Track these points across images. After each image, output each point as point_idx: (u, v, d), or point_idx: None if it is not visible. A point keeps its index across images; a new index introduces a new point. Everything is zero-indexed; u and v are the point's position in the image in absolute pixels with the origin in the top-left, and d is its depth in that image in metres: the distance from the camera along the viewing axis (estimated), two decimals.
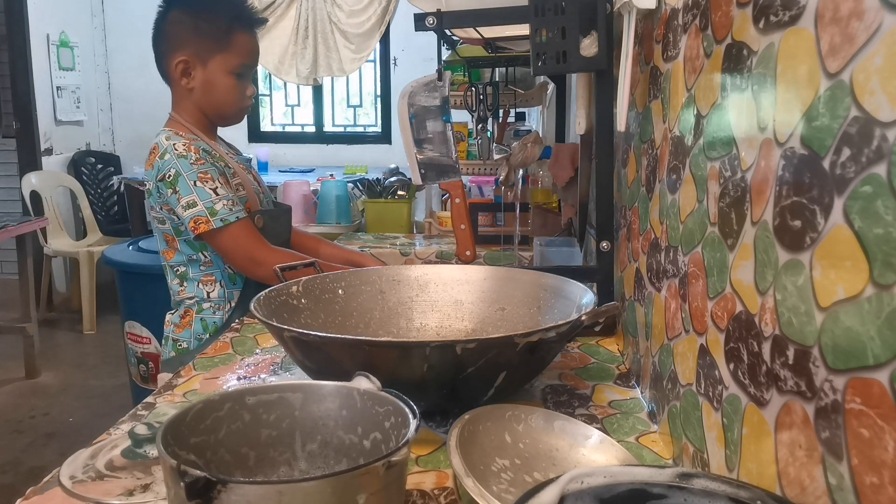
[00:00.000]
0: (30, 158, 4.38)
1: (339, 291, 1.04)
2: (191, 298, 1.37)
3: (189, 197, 1.26)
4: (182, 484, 0.46)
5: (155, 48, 1.39)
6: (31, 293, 3.35)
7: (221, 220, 1.25)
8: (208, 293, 1.36)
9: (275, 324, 0.80)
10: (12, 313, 3.70)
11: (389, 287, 1.08)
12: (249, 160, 1.56)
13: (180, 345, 1.38)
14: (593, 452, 0.71)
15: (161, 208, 1.32)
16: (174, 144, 1.30)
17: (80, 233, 4.59)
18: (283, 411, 0.63)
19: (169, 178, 1.27)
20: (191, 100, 1.36)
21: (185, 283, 1.37)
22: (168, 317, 1.41)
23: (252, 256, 1.28)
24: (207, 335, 1.36)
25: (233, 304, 1.37)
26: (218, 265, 1.36)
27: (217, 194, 1.27)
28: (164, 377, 1.36)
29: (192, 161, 1.28)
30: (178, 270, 1.37)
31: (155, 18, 1.39)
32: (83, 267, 4.04)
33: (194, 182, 1.26)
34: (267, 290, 0.94)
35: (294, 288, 0.98)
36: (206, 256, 1.35)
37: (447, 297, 1.08)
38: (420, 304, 1.07)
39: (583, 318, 0.82)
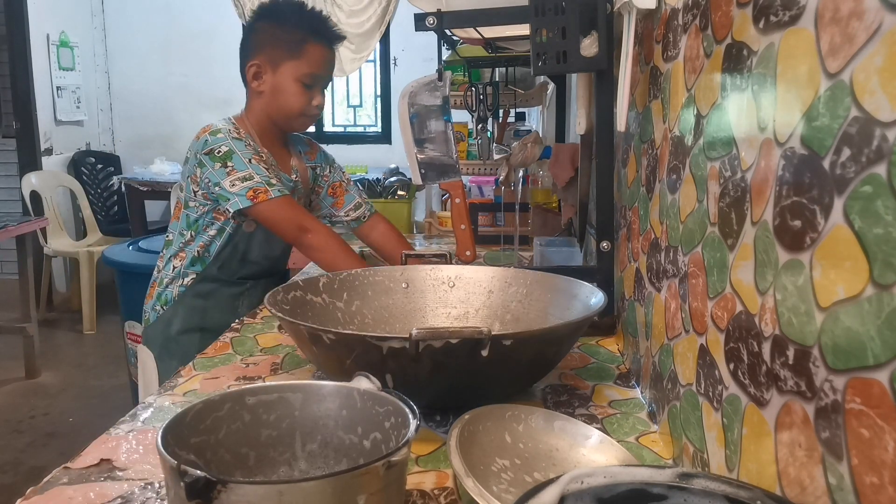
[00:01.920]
0: (30, 158, 4.38)
1: (344, 295, 1.04)
2: (158, 272, 1.48)
3: (245, 171, 1.33)
4: (182, 484, 0.46)
5: (240, 55, 1.48)
6: (31, 293, 3.35)
7: (279, 191, 1.33)
8: (174, 267, 1.45)
9: (302, 323, 0.81)
10: (12, 313, 3.70)
11: (397, 287, 1.08)
12: (314, 167, 1.60)
13: (145, 315, 1.49)
14: (593, 452, 0.72)
15: (188, 178, 1.39)
16: (230, 129, 1.38)
17: (80, 233, 4.59)
18: (283, 411, 0.63)
19: (219, 153, 1.34)
20: (259, 102, 1.44)
21: (164, 252, 1.48)
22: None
23: (301, 224, 1.34)
24: (160, 307, 1.46)
25: (187, 281, 1.44)
26: (195, 245, 1.43)
27: (270, 173, 1.36)
28: (140, 353, 1.48)
29: (246, 144, 1.36)
30: (168, 237, 1.48)
31: (244, 29, 1.51)
32: (83, 267, 4.04)
33: (249, 160, 1.34)
34: (282, 287, 0.96)
35: (308, 286, 0.98)
36: (192, 234, 1.43)
37: (454, 297, 1.08)
38: (432, 303, 1.08)
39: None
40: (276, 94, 1.41)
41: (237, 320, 1.28)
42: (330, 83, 1.49)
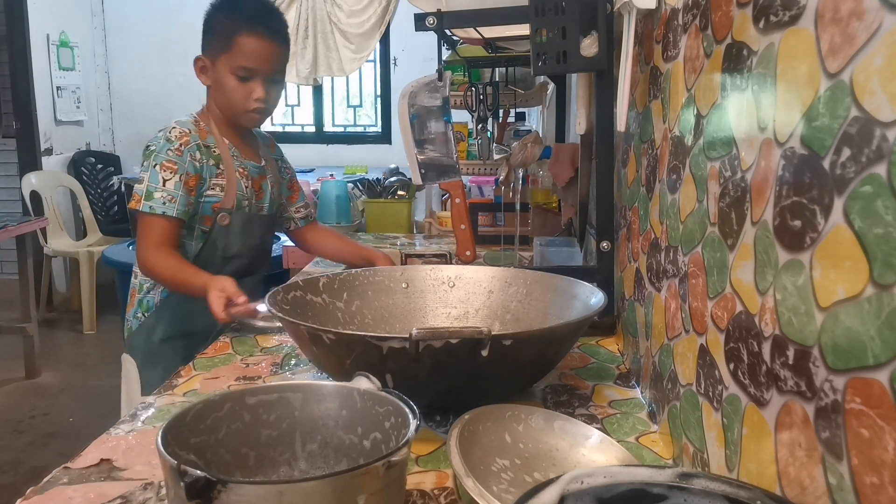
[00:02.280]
0: (30, 158, 4.37)
1: (344, 295, 1.04)
2: (136, 278, 1.42)
3: (144, 173, 1.30)
4: (182, 484, 0.46)
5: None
6: (31, 293, 3.35)
7: (150, 207, 1.28)
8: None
9: (302, 323, 0.81)
10: (12, 313, 3.70)
11: (397, 287, 1.08)
12: (278, 163, 1.57)
13: (127, 324, 1.43)
14: (593, 452, 0.71)
15: None
16: (172, 129, 1.35)
17: (80, 233, 4.59)
18: (284, 411, 0.63)
19: (148, 151, 1.33)
20: (211, 96, 1.42)
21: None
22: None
23: (146, 249, 1.29)
24: (141, 314, 1.41)
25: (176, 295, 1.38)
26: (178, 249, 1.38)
27: (164, 185, 1.29)
28: (124, 362, 1.42)
29: (172, 148, 1.31)
30: None
31: None
32: (83, 267, 4.03)
33: (156, 165, 1.30)
34: (282, 287, 0.96)
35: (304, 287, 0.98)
36: None
37: (454, 297, 1.08)
38: (432, 303, 1.08)
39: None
40: (219, 89, 1.38)
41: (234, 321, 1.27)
42: (279, 77, 1.40)
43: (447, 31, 1.41)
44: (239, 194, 1.39)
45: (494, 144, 2.15)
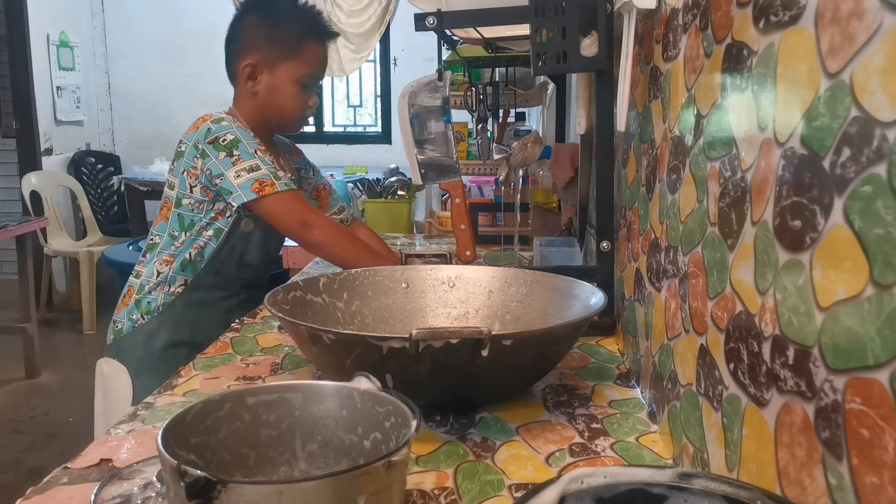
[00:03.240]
0: (30, 158, 4.38)
1: (344, 295, 1.04)
2: (137, 277, 1.36)
3: (251, 161, 1.25)
4: (182, 484, 0.46)
5: (227, 49, 1.40)
6: (31, 293, 3.35)
7: (286, 184, 1.26)
8: (158, 272, 1.34)
9: (302, 323, 0.81)
10: (12, 313, 3.70)
11: (397, 287, 1.08)
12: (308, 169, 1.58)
13: (116, 325, 1.37)
14: None
15: (183, 172, 1.30)
16: (234, 119, 1.31)
17: (80, 233, 4.60)
18: (284, 411, 0.63)
19: (224, 141, 1.26)
20: (253, 102, 1.38)
21: (147, 256, 1.36)
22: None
23: (306, 220, 1.27)
24: (139, 316, 1.34)
25: (175, 289, 1.34)
26: (187, 248, 1.34)
27: (277, 166, 1.30)
28: (105, 367, 1.35)
29: (252, 136, 1.30)
30: (153, 239, 1.36)
31: (231, 21, 1.40)
32: (83, 267, 4.03)
33: (255, 151, 1.27)
34: (282, 287, 0.96)
35: (308, 286, 0.98)
36: (185, 236, 1.34)
37: (454, 297, 1.08)
38: (432, 303, 1.08)
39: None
40: (273, 96, 1.35)
41: (236, 320, 1.28)
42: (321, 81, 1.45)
43: (447, 31, 1.42)
44: None
45: (494, 144, 2.15)
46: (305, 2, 1.41)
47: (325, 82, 5.13)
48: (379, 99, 5.32)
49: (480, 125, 2.17)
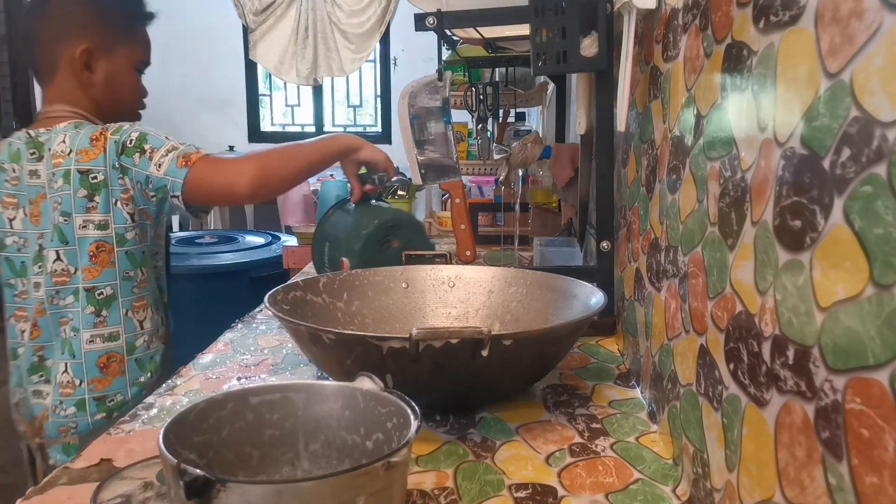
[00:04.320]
0: None
1: (344, 295, 1.04)
2: (113, 337, 1.15)
3: (168, 144, 1.12)
4: (181, 483, 0.46)
5: (33, 33, 1.20)
6: None
7: (207, 152, 1.14)
8: (140, 322, 1.18)
9: (302, 323, 0.81)
10: None
11: (397, 287, 1.08)
12: None
13: (110, 400, 1.16)
14: None
15: (116, 204, 1.13)
16: (121, 125, 1.15)
17: None
18: (287, 411, 0.63)
19: (131, 142, 1.11)
20: (88, 94, 1.20)
21: (104, 312, 1.14)
22: (59, 376, 1.14)
23: (238, 163, 1.13)
24: (149, 376, 1.19)
25: (167, 329, 1.23)
26: (150, 282, 1.20)
27: (191, 146, 1.16)
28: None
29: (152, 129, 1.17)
30: (100, 294, 1.14)
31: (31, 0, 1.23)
32: None
33: (166, 136, 1.14)
34: (282, 287, 0.96)
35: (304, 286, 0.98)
36: (143, 273, 1.18)
37: (454, 297, 1.08)
38: (432, 303, 1.08)
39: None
40: (113, 84, 1.22)
41: (236, 320, 1.28)
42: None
43: (447, 31, 1.41)
44: None
45: (494, 144, 2.15)
46: None
47: (325, 82, 5.13)
48: (379, 99, 5.32)
49: (480, 125, 2.17)
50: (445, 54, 2.22)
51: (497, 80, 2.36)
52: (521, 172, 1.67)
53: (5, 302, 1.19)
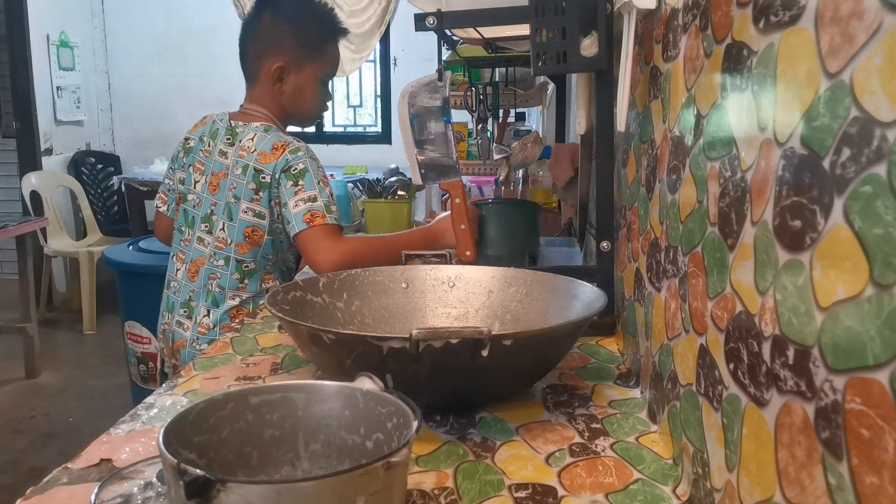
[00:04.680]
0: (30, 158, 4.38)
1: (344, 295, 1.04)
2: (246, 297, 1.43)
3: (312, 192, 1.33)
4: (181, 483, 0.46)
5: (246, 48, 1.45)
6: (31, 293, 3.35)
7: (335, 219, 1.34)
8: (267, 290, 1.43)
9: (302, 323, 0.81)
10: (12, 313, 3.70)
11: (397, 287, 1.08)
12: None
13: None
14: None
15: (271, 202, 1.38)
16: (308, 147, 1.39)
17: (80, 233, 4.60)
18: (287, 411, 0.63)
19: (295, 171, 1.34)
20: (277, 101, 1.44)
21: (246, 280, 1.42)
22: (200, 317, 1.44)
23: (332, 252, 1.32)
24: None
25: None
26: (280, 262, 1.46)
27: (332, 198, 1.37)
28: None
29: (319, 165, 1.38)
30: (247, 266, 1.42)
31: (246, 19, 1.45)
32: (83, 267, 4.04)
33: (318, 181, 1.35)
34: (282, 287, 0.97)
35: (306, 286, 0.98)
36: (277, 257, 1.45)
37: (454, 297, 1.08)
38: (432, 303, 1.08)
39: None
40: (299, 95, 1.42)
41: (238, 322, 1.28)
42: None
43: (447, 31, 1.42)
44: None
45: (494, 144, 2.15)
46: (319, 0, 1.46)
47: None
48: (379, 99, 5.32)
49: (480, 125, 2.17)
50: (445, 54, 2.22)
51: (497, 80, 2.37)
52: (520, 172, 1.67)
53: (173, 241, 1.49)
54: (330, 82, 1.49)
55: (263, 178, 1.36)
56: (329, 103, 1.49)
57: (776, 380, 0.47)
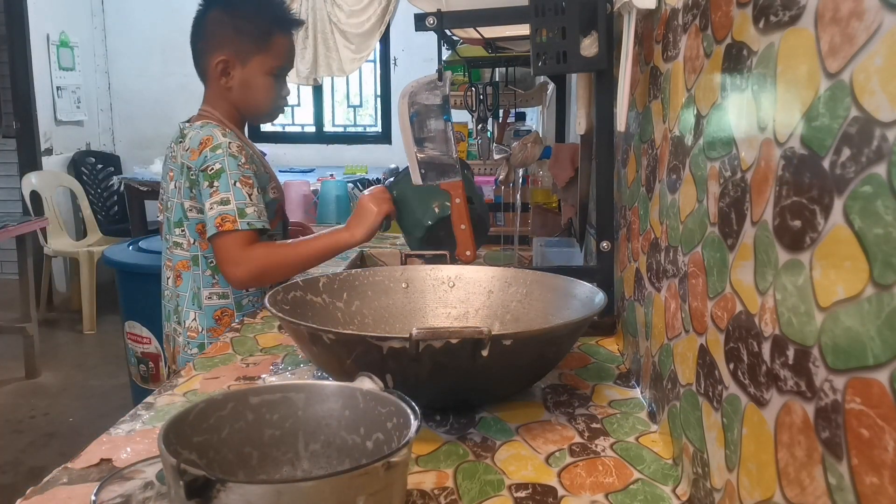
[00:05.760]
0: (30, 158, 4.38)
1: (344, 295, 1.04)
2: (224, 296, 1.39)
3: (225, 194, 1.27)
4: (181, 483, 0.46)
5: (193, 46, 1.42)
6: (31, 293, 3.35)
7: (248, 223, 1.27)
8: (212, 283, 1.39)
9: (302, 323, 0.81)
10: (12, 313, 3.70)
11: (397, 287, 1.08)
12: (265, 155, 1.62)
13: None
14: None
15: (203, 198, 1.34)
16: (229, 143, 1.31)
17: (80, 233, 4.60)
18: (287, 411, 0.63)
19: (211, 171, 1.28)
20: (227, 98, 1.40)
21: (216, 276, 1.38)
22: (188, 321, 1.39)
23: (239, 262, 1.28)
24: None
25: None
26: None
27: (251, 199, 1.29)
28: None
29: (240, 163, 1.30)
30: (212, 262, 1.37)
31: (195, 17, 1.42)
32: (83, 267, 4.04)
33: (234, 182, 1.28)
34: (282, 286, 0.96)
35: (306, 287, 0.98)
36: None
37: (454, 297, 1.08)
38: (432, 303, 1.08)
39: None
40: (247, 90, 1.37)
41: (237, 321, 1.28)
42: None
43: (447, 31, 1.42)
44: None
45: (494, 144, 2.15)
46: None
47: (325, 82, 5.14)
48: (379, 99, 5.32)
49: (480, 125, 2.17)
50: (445, 54, 2.22)
51: (497, 80, 2.37)
52: (521, 172, 1.67)
53: (162, 250, 1.45)
54: (284, 76, 1.42)
55: (192, 175, 1.32)
56: (285, 97, 1.42)
57: (776, 380, 0.47)
